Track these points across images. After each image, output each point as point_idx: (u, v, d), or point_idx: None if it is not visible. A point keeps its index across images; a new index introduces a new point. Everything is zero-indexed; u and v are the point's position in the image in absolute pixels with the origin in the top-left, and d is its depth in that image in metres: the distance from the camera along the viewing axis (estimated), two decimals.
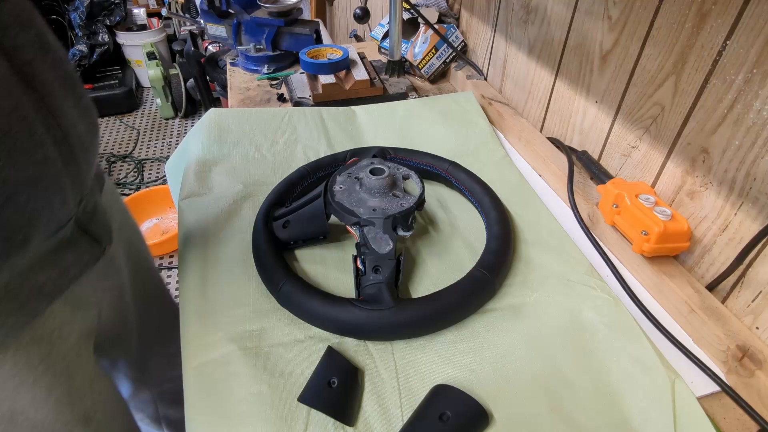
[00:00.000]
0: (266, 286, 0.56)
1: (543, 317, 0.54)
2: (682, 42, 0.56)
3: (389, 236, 0.55)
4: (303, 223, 0.60)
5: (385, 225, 0.55)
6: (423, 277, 0.60)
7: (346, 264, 0.60)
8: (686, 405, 0.46)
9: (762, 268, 0.51)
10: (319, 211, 0.59)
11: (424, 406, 0.44)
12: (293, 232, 0.60)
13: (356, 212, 0.57)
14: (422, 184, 0.62)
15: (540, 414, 0.45)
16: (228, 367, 0.47)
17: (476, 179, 0.71)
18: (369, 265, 0.53)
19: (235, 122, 0.82)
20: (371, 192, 0.59)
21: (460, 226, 0.68)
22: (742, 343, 0.49)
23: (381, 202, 0.58)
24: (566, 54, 0.77)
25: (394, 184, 0.61)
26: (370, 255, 0.54)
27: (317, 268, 0.60)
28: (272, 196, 0.66)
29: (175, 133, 2.74)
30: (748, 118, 0.50)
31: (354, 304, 0.51)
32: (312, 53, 1.01)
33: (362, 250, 0.55)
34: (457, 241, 0.65)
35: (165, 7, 3.08)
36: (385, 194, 0.59)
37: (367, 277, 0.53)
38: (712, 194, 0.56)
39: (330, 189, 0.60)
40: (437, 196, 0.73)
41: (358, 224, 0.56)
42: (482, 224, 0.67)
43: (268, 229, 0.60)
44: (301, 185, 0.70)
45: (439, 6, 1.08)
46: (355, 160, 0.66)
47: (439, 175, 0.74)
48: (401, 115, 0.89)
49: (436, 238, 0.66)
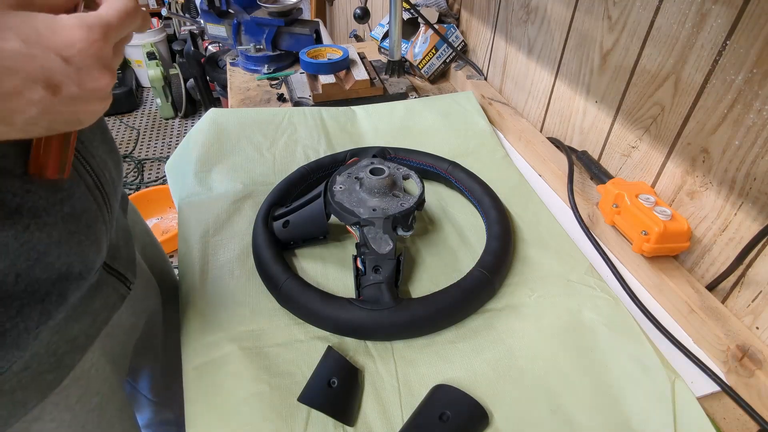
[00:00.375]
0: (266, 286, 0.56)
1: (543, 317, 0.54)
2: (682, 42, 0.56)
3: (389, 236, 0.55)
4: (303, 223, 0.60)
5: (385, 225, 0.55)
6: (422, 277, 0.60)
7: (346, 264, 0.60)
8: (686, 405, 0.46)
9: (762, 268, 0.51)
10: (319, 212, 0.59)
11: (424, 405, 0.44)
12: (293, 232, 0.60)
13: (356, 212, 0.57)
14: (422, 183, 0.62)
15: (540, 414, 0.45)
16: (228, 367, 0.47)
17: (476, 179, 0.71)
18: (369, 265, 0.53)
19: (235, 122, 0.82)
20: (371, 192, 0.59)
21: (460, 225, 0.68)
22: (742, 343, 0.49)
23: (381, 202, 0.58)
24: (566, 54, 0.77)
25: (394, 184, 0.61)
26: (370, 255, 0.54)
27: (317, 267, 0.60)
28: (272, 196, 0.66)
29: (175, 133, 2.74)
30: (748, 118, 0.50)
31: (354, 303, 0.51)
32: (312, 53, 1.01)
33: (362, 250, 0.55)
34: (457, 241, 0.65)
35: (165, 7, 3.08)
36: (385, 194, 0.59)
37: (367, 277, 0.53)
38: (712, 194, 0.56)
39: (330, 189, 0.60)
40: (437, 196, 0.73)
41: (358, 224, 0.56)
42: (482, 224, 0.67)
43: (268, 229, 0.60)
44: (301, 185, 0.70)
45: (439, 6, 1.08)
46: (355, 160, 0.66)
47: (439, 175, 0.74)
48: (401, 115, 0.89)
49: (436, 238, 0.66)
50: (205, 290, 0.56)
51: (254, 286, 0.57)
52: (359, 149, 0.76)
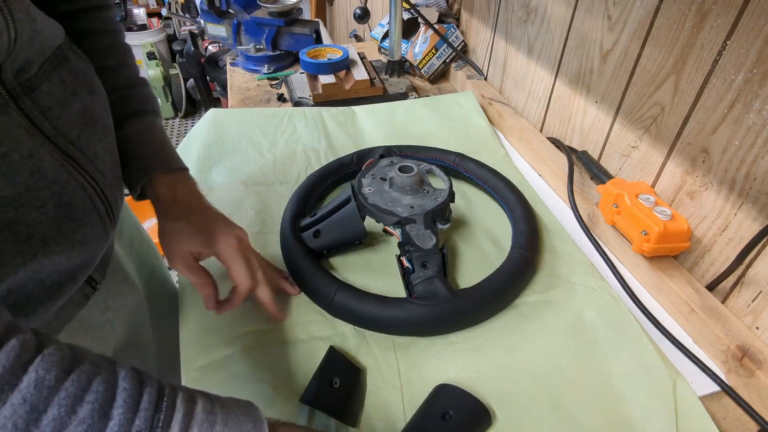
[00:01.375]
0: (314, 300, 0.54)
1: (544, 317, 0.54)
2: (682, 42, 0.56)
3: (431, 231, 0.55)
4: (336, 230, 0.59)
5: (425, 220, 0.56)
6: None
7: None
8: (688, 403, 0.46)
9: (762, 268, 0.51)
10: (354, 216, 0.58)
11: (427, 405, 0.44)
12: (326, 240, 0.59)
13: (395, 212, 0.57)
14: (446, 175, 0.62)
15: (542, 413, 0.45)
16: (230, 369, 0.47)
17: (486, 167, 0.72)
18: (417, 262, 0.53)
19: (235, 122, 0.82)
20: (403, 190, 0.59)
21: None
22: (742, 343, 0.49)
23: (415, 199, 0.59)
24: (566, 54, 0.77)
25: (422, 179, 0.61)
26: (415, 252, 0.54)
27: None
28: (292, 207, 0.64)
29: (175, 133, 2.74)
30: (747, 118, 0.50)
31: (412, 302, 0.51)
32: (312, 53, 1.01)
33: (406, 248, 0.55)
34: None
35: (165, 7, 3.07)
36: (417, 191, 0.60)
37: (416, 274, 0.53)
38: (712, 194, 0.56)
39: (360, 192, 0.60)
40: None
41: (398, 223, 0.56)
42: (497, 208, 0.68)
43: (300, 242, 0.58)
44: (315, 193, 0.69)
45: (439, 6, 1.08)
46: (372, 162, 0.66)
47: (447, 167, 0.74)
48: (401, 115, 0.90)
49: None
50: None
51: None
52: (365, 150, 0.76)
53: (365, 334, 0.52)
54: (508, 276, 0.55)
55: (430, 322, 0.50)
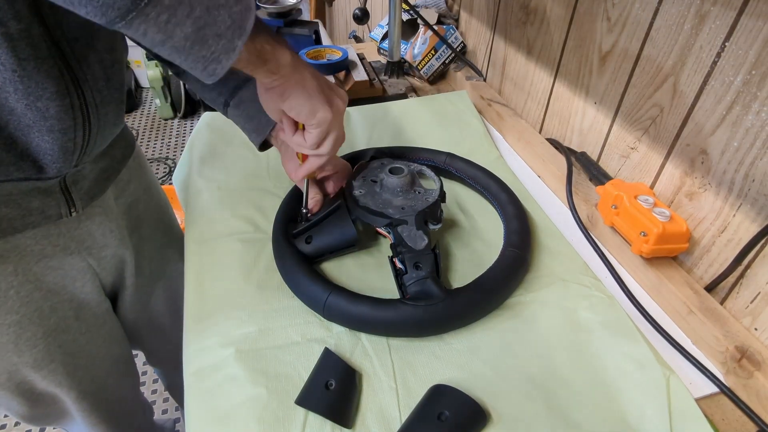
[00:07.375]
0: (308, 305, 0.54)
1: (538, 317, 0.54)
2: (681, 43, 0.56)
3: (423, 231, 0.55)
4: (328, 235, 0.59)
5: (417, 221, 0.56)
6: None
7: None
8: (681, 400, 0.46)
9: (761, 269, 0.51)
10: (345, 220, 0.58)
11: (422, 406, 0.44)
12: (319, 246, 0.59)
13: (386, 213, 0.57)
14: (436, 175, 0.62)
15: (537, 412, 0.45)
16: (225, 371, 0.47)
17: (476, 166, 0.72)
18: (409, 263, 0.53)
19: (229, 124, 0.82)
20: (394, 192, 0.59)
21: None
22: (740, 345, 0.49)
23: (406, 200, 0.58)
24: (565, 55, 0.77)
25: (413, 180, 0.61)
26: (408, 253, 0.53)
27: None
28: (282, 214, 0.63)
29: (174, 134, 2.73)
30: (746, 120, 0.50)
31: (406, 303, 0.50)
32: (311, 54, 1.01)
33: (399, 249, 0.54)
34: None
35: None
36: (408, 192, 0.60)
37: (409, 275, 0.52)
38: (711, 195, 0.56)
39: (350, 195, 0.59)
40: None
41: (390, 225, 0.56)
42: (487, 207, 0.68)
43: (293, 248, 0.58)
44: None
45: (438, 7, 1.08)
46: (363, 164, 0.66)
47: (438, 167, 0.74)
48: (395, 116, 0.89)
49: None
50: (202, 294, 0.56)
51: (251, 288, 0.56)
52: (355, 153, 0.75)
53: (360, 335, 0.52)
54: (500, 274, 0.55)
55: (423, 322, 0.50)
